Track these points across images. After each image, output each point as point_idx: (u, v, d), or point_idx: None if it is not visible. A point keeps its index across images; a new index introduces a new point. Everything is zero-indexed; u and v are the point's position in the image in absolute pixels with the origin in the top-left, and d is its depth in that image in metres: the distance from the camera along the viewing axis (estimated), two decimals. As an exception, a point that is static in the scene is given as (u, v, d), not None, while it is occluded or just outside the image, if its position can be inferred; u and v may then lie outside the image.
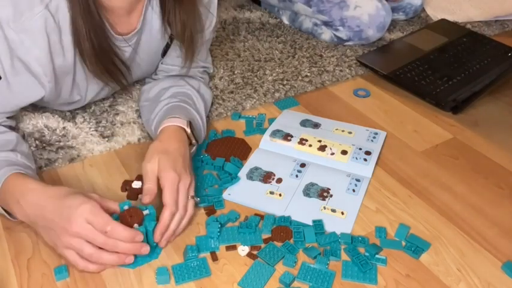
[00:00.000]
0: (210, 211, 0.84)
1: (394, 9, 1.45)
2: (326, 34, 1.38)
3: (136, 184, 0.86)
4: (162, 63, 1.03)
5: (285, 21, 1.49)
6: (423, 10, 1.56)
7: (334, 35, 1.36)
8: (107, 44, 0.86)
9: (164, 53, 1.00)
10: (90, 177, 0.91)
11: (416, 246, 0.78)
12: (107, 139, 0.99)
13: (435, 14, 1.54)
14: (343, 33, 1.34)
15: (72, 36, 0.82)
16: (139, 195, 0.86)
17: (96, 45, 0.83)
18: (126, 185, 0.87)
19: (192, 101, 0.97)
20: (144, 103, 1.01)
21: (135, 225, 0.72)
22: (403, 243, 0.79)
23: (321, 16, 1.36)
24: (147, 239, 0.73)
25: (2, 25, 0.75)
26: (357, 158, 0.94)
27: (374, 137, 1.01)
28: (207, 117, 1.06)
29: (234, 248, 0.78)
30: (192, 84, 1.01)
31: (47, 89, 0.85)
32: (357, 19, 1.32)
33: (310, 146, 0.97)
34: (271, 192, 0.88)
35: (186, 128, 0.85)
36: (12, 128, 0.88)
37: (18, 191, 0.74)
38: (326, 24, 1.37)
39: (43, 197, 0.73)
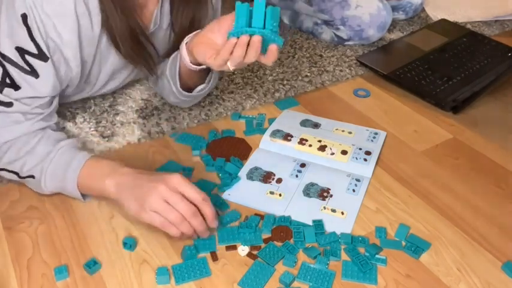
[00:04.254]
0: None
1: (394, 8, 1.45)
2: (326, 33, 1.38)
3: None
4: None
5: (285, 21, 1.49)
6: (423, 10, 1.56)
7: (335, 34, 1.36)
8: (137, 25, 0.87)
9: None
10: (90, 177, 0.91)
11: (416, 246, 0.78)
12: (106, 139, 0.99)
13: (435, 14, 1.54)
14: (343, 33, 1.34)
15: (101, 20, 0.83)
16: None
17: (128, 27, 0.85)
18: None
19: None
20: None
21: None
22: (403, 243, 0.79)
23: (322, 15, 1.36)
24: None
25: (36, 7, 0.76)
26: (357, 158, 0.94)
27: (374, 137, 1.01)
28: (207, 116, 1.06)
29: (234, 248, 0.78)
30: None
31: (74, 73, 0.86)
32: (358, 18, 1.32)
33: (310, 146, 0.97)
34: (271, 192, 0.88)
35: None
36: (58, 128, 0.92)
37: (108, 167, 0.79)
38: (327, 23, 1.37)
39: (137, 171, 0.78)
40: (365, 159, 0.94)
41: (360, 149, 0.96)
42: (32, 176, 0.81)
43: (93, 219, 0.83)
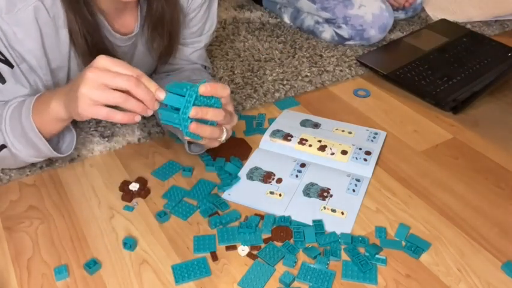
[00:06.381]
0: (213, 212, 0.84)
1: (393, 7, 1.45)
2: (327, 32, 1.37)
3: (133, 186, 0.87)
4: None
5: (286, 19, 1.49)
6: (423, 10, 1.56)
7: (336, 33, 1.36)
8: (101, 41, 0.86)
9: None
10: (90, 177, 0.91)
11: (416, 246, 0.78)
12: (107, 139, 0.99)
13: (435, 14, 1.54)
14: (345, 31, 1.34)
15: (67, 32, 0.82)
16: (134, 200, 0.86)
17: (90, 42, 0.83)
18: (124, 185, 0.88)
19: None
20: None
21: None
22: (403, 243, 0.79)
23: (325, 13, 1.35)
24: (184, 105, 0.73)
25: None
26: (357, 158, 0.94)
27: (374, 137, 1.01)
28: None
29: (234, 248, 0.78)
30: (202, 75, 1.02)
31: (44, 81, 0.85)
32: (360, 18, 1.32)
33: (310, 146, 0.97)
34: (271, 192, 0.88)
35: None
36: None
37: (49, 94, 0.77)
38: (328, 21, 1.37)
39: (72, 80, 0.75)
40: (365, 159, 0.94)
41: (360, 149, 0.96)
42: (3, 146, 0.80)
43: (93, 219, 0.83)
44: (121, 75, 0.68)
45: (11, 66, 0.80)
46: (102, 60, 0.69)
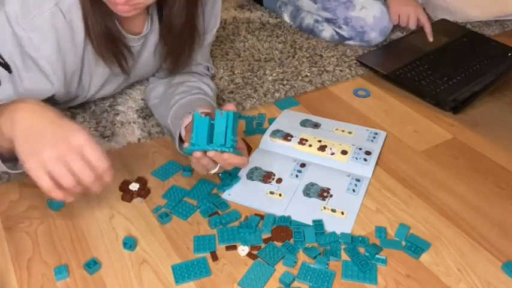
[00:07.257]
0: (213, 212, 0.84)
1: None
2: (327, 31, 1.37)
3: (133, 186, 0.87)
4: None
5: (286, 18, 1.48)
6: (423, 10, 1.56)
7: (336, 32, 1.35)
8: (115, 29, 0.86)
9: None
10: (90, 177, 0.91)
11: (416, 246, 0.78)
12: (106, 139, 0.99)
13: (435, 14, 1.54)
14: (345, 32, 1.34)
15: (82, 23, 0.81)
16: (135, 199, 0.86)
17: (104, 28, 0.82)
18: (124, 185, 0.88)
19: (207, 94, 0.98)
20: (154, 101, 1.02)
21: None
22: (403, 243, 0.79)
23: (325, 13, 1.35)
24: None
25: (11, 22, 0.75)
26: (357, 158, 0.94)
27: (374, 137, 1.01)
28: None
29: (234, 248, 0.78)
30: (203, 80, 1.02)
31: (56, 87, 0.85)
32: (361, 20, 1.32)
33: (310, 146, 0.97)
34: (271, 192, 0.88)
35: None
36: None
37: (15, 104, 0.69)
38: (329, 21, 1.36)
39: (41, 118, 0.68)
40: (365, 159, 0.94)
41: (360, 149, 0.96)
42: None
43: (93, 219, 0.83)
44: (86, 169, 0.67)
45: (9, 71, 0.79)
46: (80, 138, 0.66)
